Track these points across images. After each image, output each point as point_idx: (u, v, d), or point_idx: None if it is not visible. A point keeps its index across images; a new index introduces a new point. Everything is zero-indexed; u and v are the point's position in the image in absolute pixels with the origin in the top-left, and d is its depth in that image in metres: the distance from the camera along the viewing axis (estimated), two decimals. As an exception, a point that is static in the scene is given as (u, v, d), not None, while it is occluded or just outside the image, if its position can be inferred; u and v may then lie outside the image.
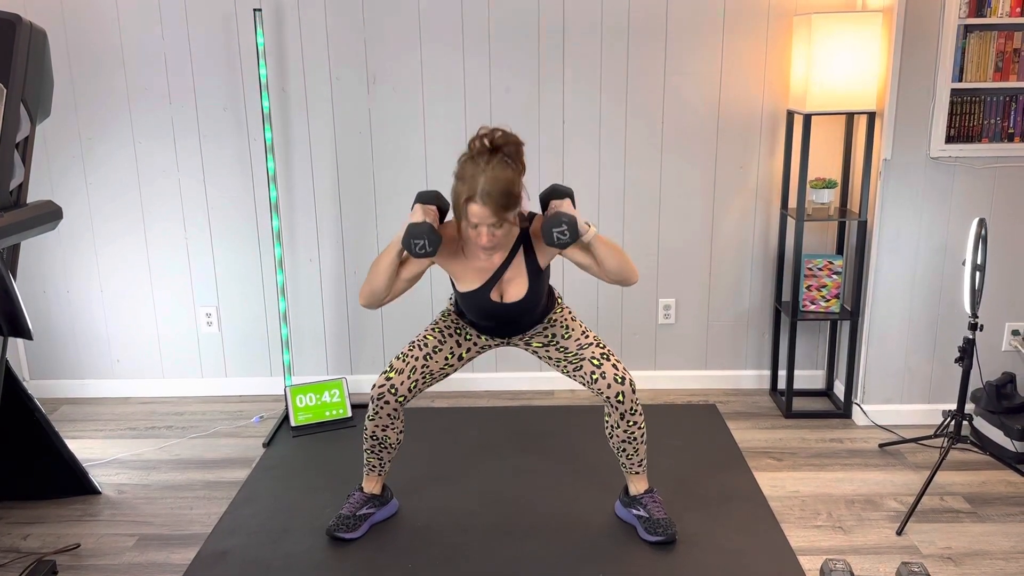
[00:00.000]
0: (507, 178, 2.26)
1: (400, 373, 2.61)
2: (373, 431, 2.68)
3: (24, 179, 2.62)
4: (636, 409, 2.60)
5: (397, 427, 2.70)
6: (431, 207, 2.46)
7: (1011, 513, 2.85)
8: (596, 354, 2.60)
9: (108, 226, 3.73)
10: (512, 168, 2.30)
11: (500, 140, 2.30)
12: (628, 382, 2.57)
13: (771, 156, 3.62)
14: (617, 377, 2.57)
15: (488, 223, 2.28)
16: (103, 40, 3.53)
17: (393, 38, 3.51)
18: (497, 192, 2.24)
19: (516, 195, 2.29)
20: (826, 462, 3.20)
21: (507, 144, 2.30)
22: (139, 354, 3.87)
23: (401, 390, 2.61)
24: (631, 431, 2.63)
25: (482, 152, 2.29)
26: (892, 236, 3.31)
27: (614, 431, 2.65)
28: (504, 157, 2.29)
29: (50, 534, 2.82)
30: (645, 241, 3.72)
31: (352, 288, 3.78)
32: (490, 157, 2.28)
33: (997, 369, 3.39)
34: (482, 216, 2.27)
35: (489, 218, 2.27)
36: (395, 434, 2.71)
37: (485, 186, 2.23)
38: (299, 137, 3.62)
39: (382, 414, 2.64)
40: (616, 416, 2.61)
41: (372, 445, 2.71)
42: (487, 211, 2.26)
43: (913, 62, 3.15)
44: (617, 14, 3.48)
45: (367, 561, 2.62)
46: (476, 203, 2.25)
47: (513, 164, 2.31)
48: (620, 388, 2.56)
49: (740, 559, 2.59)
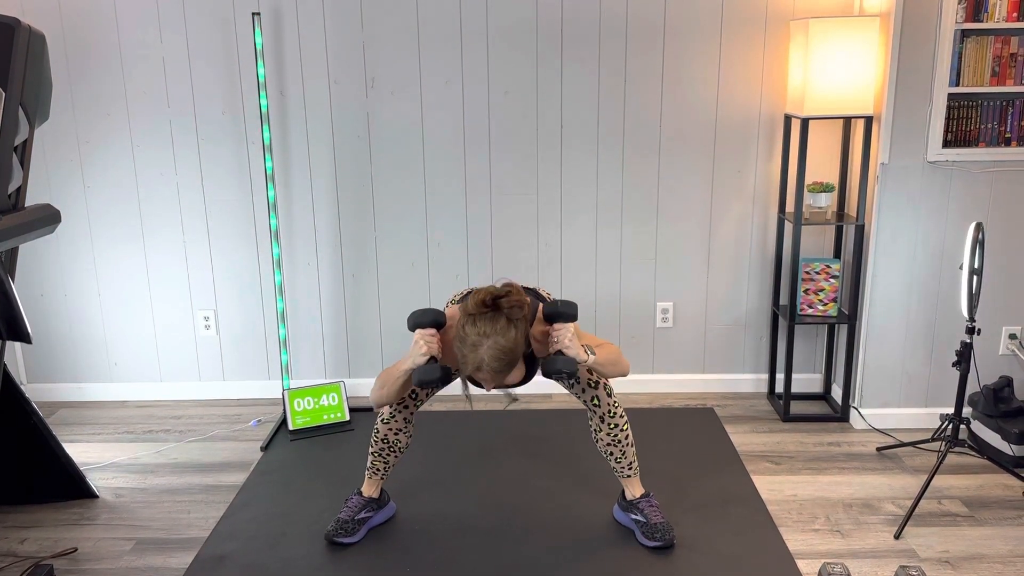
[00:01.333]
0: (510, 347, 2.21)
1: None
2: (386, 434, 2.68)
3: (22, 182, 2.62)
4: (615, 412, 2.61)
5: (409, 431, 2.71)
6: (430, 332, 2.36)
7: (1008, 517, 2.85)
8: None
9: (106, 229, 3.72)
10: (515, 328, 2.23)
11: (503, 303, 2.21)
12: (602, 386, 2.58)
13: (769, 160, 3.63)
14: (591, 381, 2.58)
15: (494, 384, 2.30)
16: (102, 44, 3.53)
17: (391, 42, 3.52)
18: (501, 365, 2.22)
19: (519, 355, 2.26)
20: (824, 466, 3.20)
21: (511, 309, 2.22)
22: (137, 357, 3.87)
23: (420, 394, 2.64)
24: (614, 434, 2.63)
25: (483, 312, 2.22)
26: (889, 240, 3.32)
27: (597, 435, 2.66)
28: (506, 319, 2.22)
29: (47, 538, 2.81)
30: (643, 245, 3.72)
31: (350, 292, 3.78)
32: (492, 320, 2.21)
33: (994, 373, 3.40)
34: (488, 382, 2.28)
35: (493, 381, 2.28)
36: (406, 438, 2.72)
37: (490, 363, 2.20)
38: (297, 140, 3.62)
39: (399, 418, 2.65)
40: (596, 420, 2.63)
41: (382, 448, 2.71)
42: (492, 378, 2.25)
43: (910, 67, 3.15)
44: (615, 18, 3.49)
45: (365, 565, 2.62)
46: (481, 373, 2.24)
47: (516, 324, 2.23)
48: (594, 392, 2.58)
49: (738, 563, 2.59)
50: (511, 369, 2.26)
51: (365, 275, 3.77)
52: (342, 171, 3.66)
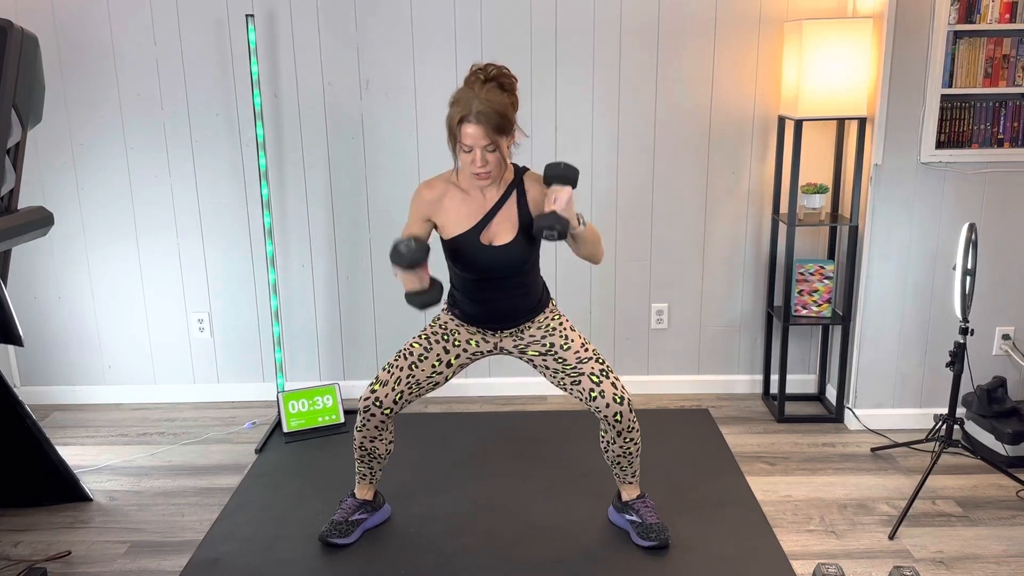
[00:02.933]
0: (500, 100, 2.31)
1: (384, 385, 2.57)
2: (361, 442, 2.67)
3: (15, 185, 2.61)
4: (633, 427, 2.58)
5: (386, 438, 2.68)
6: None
7: (1002, 517, 2.86)
8: (596, 370, 2.56)
9: (100, 232, 3.71)
10: (506, 94, 2.35)
11: (494, 72, 2.36)
12: (627, 401, 2.54)
13: (763, 161, 3.63)
14: (616, 397, 2.53)
15: (482, 144, 2.30)
16: (95, 46, 3.52)
17: (385, 43, 3.52)
18: (491, 111, 2.27)
19: (509, 119, 2.33)
20: (818, 466, 3.21)
21: (501, 76, 2.36)
22: (131, 360, 3.86)
23: (386, 403, 2.57)
24: (627, 447, 2.62)
25: (476, 79, 2.35)
26: (883, 241, 3.33)
27: (610, 447, 2.64)
28: (498, 85, 2.35)
29: (41, 541, 2.80)
30: (637, 246, 3.73)
31: (344, 294, 3.78)
32: (484, 83, 2.34)
33: (988, 373, 3.41)
34: (476, 137, 2.29)
35: (483, 139, 2.29)
36: (384, 445, 2.70)
37: (479, 106, 2.27)
38: (291, 141, 3.62)
39: (369, 426, 2.62)
40: (612, 433, 2.59)
41: (361, 455, 2.70)
42: (481, 131, 2.28)
43: (903, 68, 3.16)
44: (609, 20, 3.49)
45: (360, 567, 2.61)
46: (470, 123, 2.28)
47: (507, 91, 2.37)
48: (619, 408, 2.53)
49: (733, 564, 2.59)
50: (502, 127, 2.30)
51: (359, 277, 3.77)
52: (336, 173, 3.65)
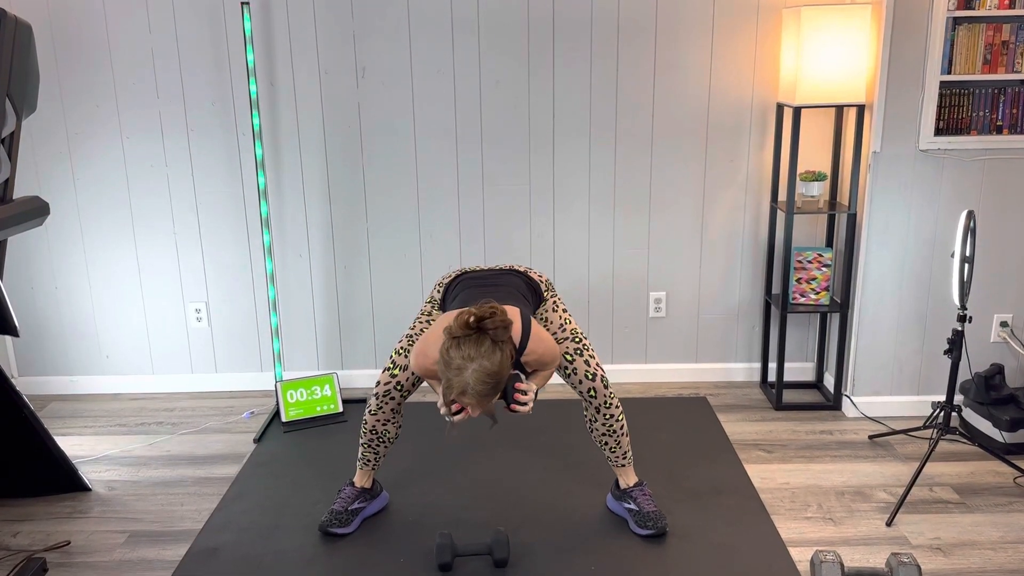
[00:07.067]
0: (495, 371, 2.17)
1: (404, 370, 2.60)
2: (374, 425, 2.68)
3: (10, 175, 2.60)
4: (611, 403, 2.61)
5: (398, 421, 2.71)
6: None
7: (1000, 503, 2.86)
8: (570, 349, 2.59)
9: (96, 222, 3.70)
10: (500, 351, 2.19)
11: (488, 324, 2.18)
12: (599, 378, 2.58)
13: (761, 149, 3.62)
14: (588, 373, 2.57)
15: (477, 412, 2.25)
16: (90, 34, 3.50)
17: (382, 31, 3.50)
18: (487, 388, 2.18)
19: (504, 380, 2.22)
20: (816, 454, 3.21)
21: (494, 329, 2.18)
22: (128, 350, 3.85)
23: (406, 385, 2.62)
24: (609, 423, 2.64)
25: (468, 334, 2.18)
26: (881, 229, 3.32)
27: (592, 424, 2.67)
28: (491, 341, 2.19)
29: (40, 531, 2.80)
30: (635, 234, 3.72)
31: (342, 283, 3.77)
32: (477, 342, 2.17)
33: (986, 360, 3.41)
34: (473, 405, 2.22)
35: (479, 406, 2.23)
36: (395, 428, 2.72)
37: (475, 386, 2.16)
38: (287, 131, 3.60)
39: (386, 409, 2.65)
40: (592, 410, 2.63)
41: (371, 439, 2.71)
42: (475, 401, 2.21)
43: (902, 55, 3.15)
44: (607, 7, 3.47)
45: (359, 556, 2.62)
46: (466, 398, 2.19)
47: (501, 346, 2.20)
48: (591, 384, 2.58)
49: (730, 551, 2.60)
50: (496, 393, 2.23)
51: (357, 266, 3.76)
52: (333, 162, 3.64)
